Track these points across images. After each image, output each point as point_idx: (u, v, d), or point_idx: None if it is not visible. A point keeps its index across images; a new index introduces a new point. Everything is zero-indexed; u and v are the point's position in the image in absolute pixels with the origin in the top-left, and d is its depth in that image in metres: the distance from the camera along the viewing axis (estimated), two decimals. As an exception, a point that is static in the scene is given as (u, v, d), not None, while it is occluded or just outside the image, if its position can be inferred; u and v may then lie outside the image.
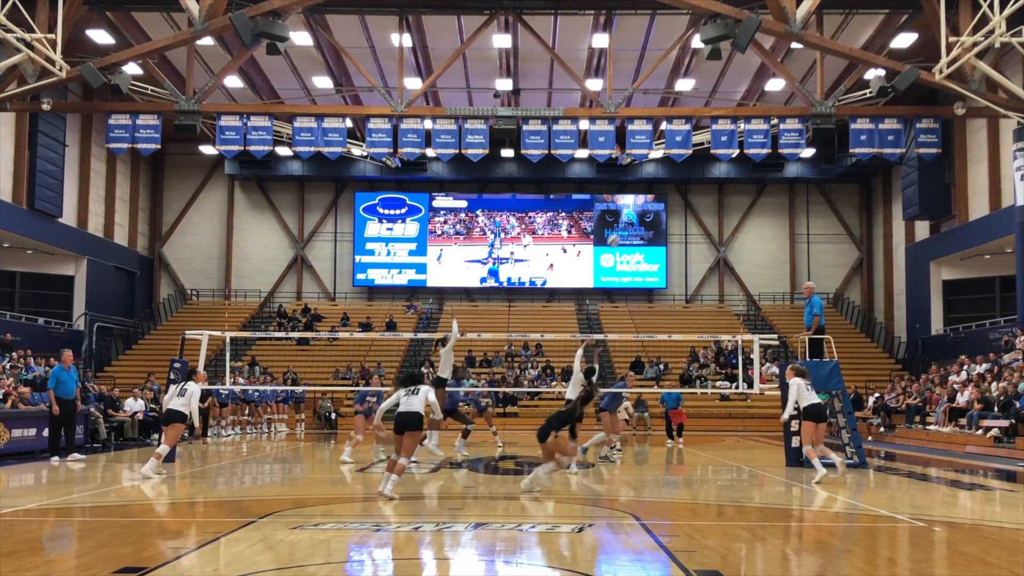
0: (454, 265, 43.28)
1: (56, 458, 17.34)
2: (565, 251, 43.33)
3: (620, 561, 7.89)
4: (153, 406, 24.53)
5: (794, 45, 26.86)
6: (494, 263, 43.25)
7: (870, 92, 24.72)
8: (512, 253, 43.26)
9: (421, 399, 11.48)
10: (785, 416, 15.00)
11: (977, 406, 22.55)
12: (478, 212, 43.54)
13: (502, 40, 29.49)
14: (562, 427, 12.02)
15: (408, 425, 11.40)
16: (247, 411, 28.41)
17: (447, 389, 16.96)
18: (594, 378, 13.68)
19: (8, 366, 23.79)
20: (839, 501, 11.97)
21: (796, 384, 14.08)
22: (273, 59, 29.68)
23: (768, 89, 33.65)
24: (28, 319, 32.64)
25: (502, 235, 43.28)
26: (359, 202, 43.41)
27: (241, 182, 43.62)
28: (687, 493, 12.47)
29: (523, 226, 43.34)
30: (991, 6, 20.86)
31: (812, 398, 14.07)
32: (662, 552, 7.96)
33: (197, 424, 20.72)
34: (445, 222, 43.46)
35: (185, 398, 14.36)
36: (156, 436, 21.22)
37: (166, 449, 14.49)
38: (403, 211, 43.36)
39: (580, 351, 15.62)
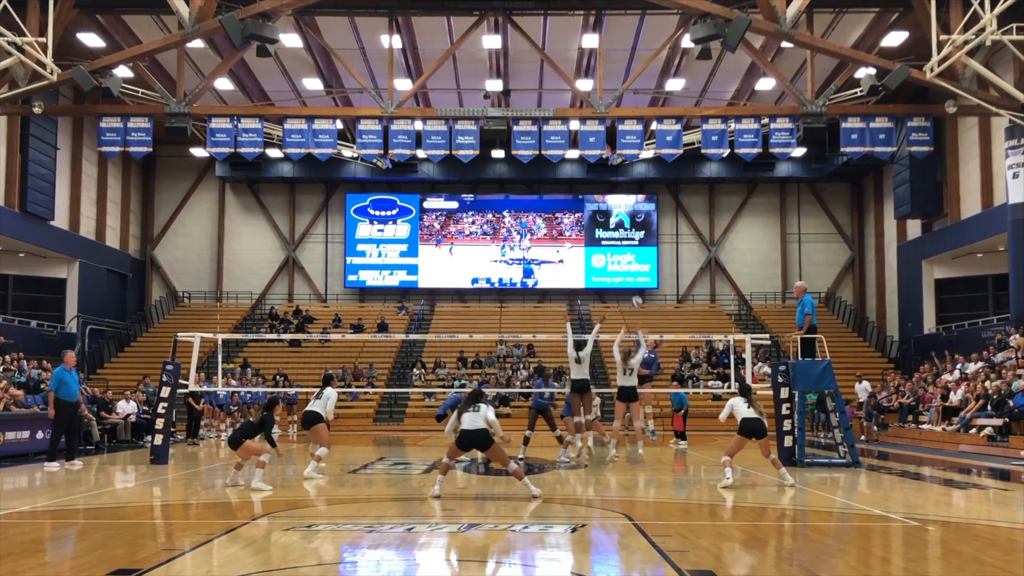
0: (445, 266, 43.25)
1: (55, 464, 16.33)
2: (557, 251, 43.32)
3: (613, 562, 7.89)
4: (146, 408, 24.47)
5: (784, 44, 26.88)
6: (485, 264, 43.20)
7: (861, 91, 24.77)
8: (504, 254, 43.26)
9: (483, 416, 11.63)
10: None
11: (972, 404, 22.57)
12: (469, 213, 43.51)
13: (492, 41, 29.49)
14: None
15: (476, 443, 11.61)
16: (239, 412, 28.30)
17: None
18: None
19: (1, 369, 23.70)
20: (833, 501, 11.99)
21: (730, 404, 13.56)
22: (263, 61, 29.64)
23: (758, 88, 33.69)
24: (21, 322, 32.55)
25: (493, 236, 43.27)
26: (350, 203, 43.35)
27: (232, 184, 43.54)
28: (680, 493, 12.46)
29: (515, 227, 43.32)
30: (982, 4, 20.95)
31: (748, 413, 13.17)
32: (655, 552, 7.96)
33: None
34: (436, 223, 43.43)
35: (322, 401, 14.95)
36: (149, 438, 21.07)
37: (324, 451, 14.91)
38: (394, 212, 43.31)
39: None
